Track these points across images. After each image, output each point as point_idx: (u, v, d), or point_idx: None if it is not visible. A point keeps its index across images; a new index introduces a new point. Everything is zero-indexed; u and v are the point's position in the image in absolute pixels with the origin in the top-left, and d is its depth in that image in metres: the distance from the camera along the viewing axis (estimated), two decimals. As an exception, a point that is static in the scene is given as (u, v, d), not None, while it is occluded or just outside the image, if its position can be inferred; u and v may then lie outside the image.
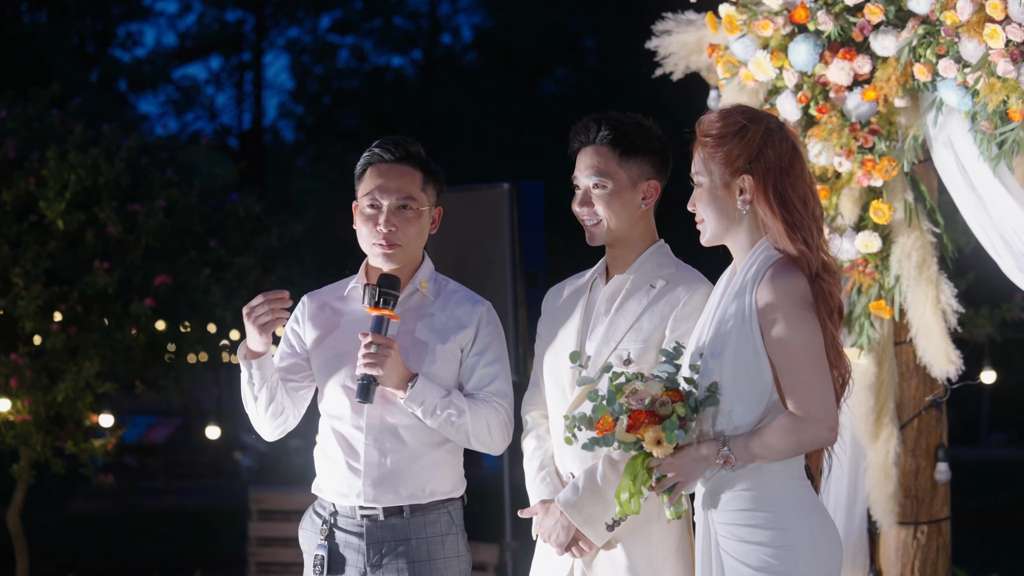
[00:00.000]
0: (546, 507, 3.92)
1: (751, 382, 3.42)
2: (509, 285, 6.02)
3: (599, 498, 3.78)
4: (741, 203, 3.50)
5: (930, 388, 5.02)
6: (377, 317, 3.85)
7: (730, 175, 3.50)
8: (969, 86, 4.37)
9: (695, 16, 5.35)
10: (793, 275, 3.42)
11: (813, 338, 3.39)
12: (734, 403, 3.43)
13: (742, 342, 3.42)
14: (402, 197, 3.95)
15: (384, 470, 3.92)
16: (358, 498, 3.93)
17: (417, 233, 3.99)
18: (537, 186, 6.12)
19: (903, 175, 4.84)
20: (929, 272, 4.84)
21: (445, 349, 3.97)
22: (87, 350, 7.53)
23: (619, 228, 3.92)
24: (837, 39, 4.74)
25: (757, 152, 3.48)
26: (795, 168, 3.49)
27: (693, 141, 3.58)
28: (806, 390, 3.38)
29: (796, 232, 3.44)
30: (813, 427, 3.37)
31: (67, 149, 7.69)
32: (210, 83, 25.17)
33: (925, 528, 5.00)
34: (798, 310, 3.39)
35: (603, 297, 3.96)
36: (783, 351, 3.38)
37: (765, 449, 3.38)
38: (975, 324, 8.95)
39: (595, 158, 3.92)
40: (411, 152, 4.01)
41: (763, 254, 3.49)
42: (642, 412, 3.37)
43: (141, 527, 14.97)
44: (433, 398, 3.87)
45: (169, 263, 7.98)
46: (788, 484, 3.46)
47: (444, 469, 3.99)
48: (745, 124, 3.50)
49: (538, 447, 4.04)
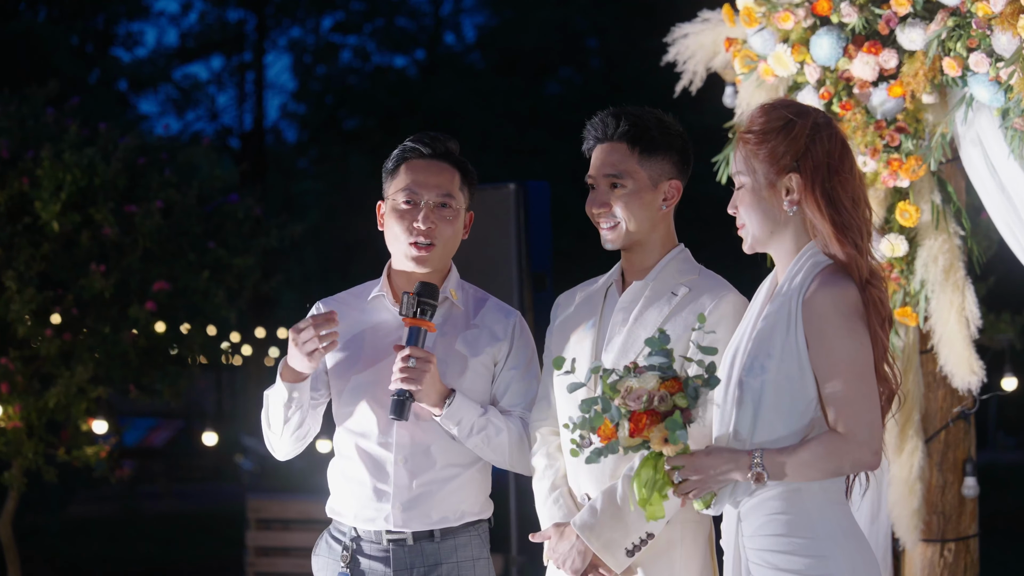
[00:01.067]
0: (560, 531, 3.67)
1: (794, 397, 3.23)
2: (515, 289, 5.90)
3: (619, 521, 3.55)
4: (788, 204, 3.31)
5: (958, 399, 4.89)
6: (414, 328, 3.65)
7: (775, 174, 3.31)
8: (1002, 81, 4.23)
9: (711, 14, 5.26)
10: (843, 283, 3.23)
11: (862, 352, 3.21)
12: (775, 419, 3.23)
13: (786, 355, 3.23)
14: (442, 194, 3.76)
15: (415, 492, 3.74)
16: (386, 522, 3.74)
17: (453, 235, 3.80)
18: (544, 186, 6.00)
19: (930, 175, 4.73)
20: (955, 277, 4.73)
21: (478, 362, 3.79)
22: (81, 355, 7.45)
23: (638, 231, 3.70)
24: (862, 32, 4.63)
25: (804, 149, 3.29)
26: (845, 166, 3.30)
27: (728, 141, 3.38)
28: (851, 409, 3.19)
29: (846, 235, 3.25)
30: (856, 449, 3.18)
31: (62, 149, 7.73)
32: (211, 83, 25.14)
33: (952, 546, 4.88)
34: (848, 321, 3.20)
35: (620, 306, 3.74)
36: (829, 366, 3.20)
37: (801, 467, 3.19)
38: (996, 330, 8.91)
39: (613, 155, 3.70)
40: (450, 149, 3.83)
41: (810, 260, 3.30)
42: (642, 414, 3.17)
43: (140, 531, 14.95)
44: (471, 416, 3.69)
45: (167, 266, 7.93)
46: (828, 509, 3.25)
47: (475, 490, 3.83)
48: (791, 119, 3.31)
49: (549, 466, 3.79)
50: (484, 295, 3.93)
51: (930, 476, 4.86)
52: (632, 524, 3.51)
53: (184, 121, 24.35)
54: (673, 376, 3.21)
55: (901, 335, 4.80)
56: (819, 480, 3.21)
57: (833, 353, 3.18)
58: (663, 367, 3.23)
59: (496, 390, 3.83)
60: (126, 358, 7.65)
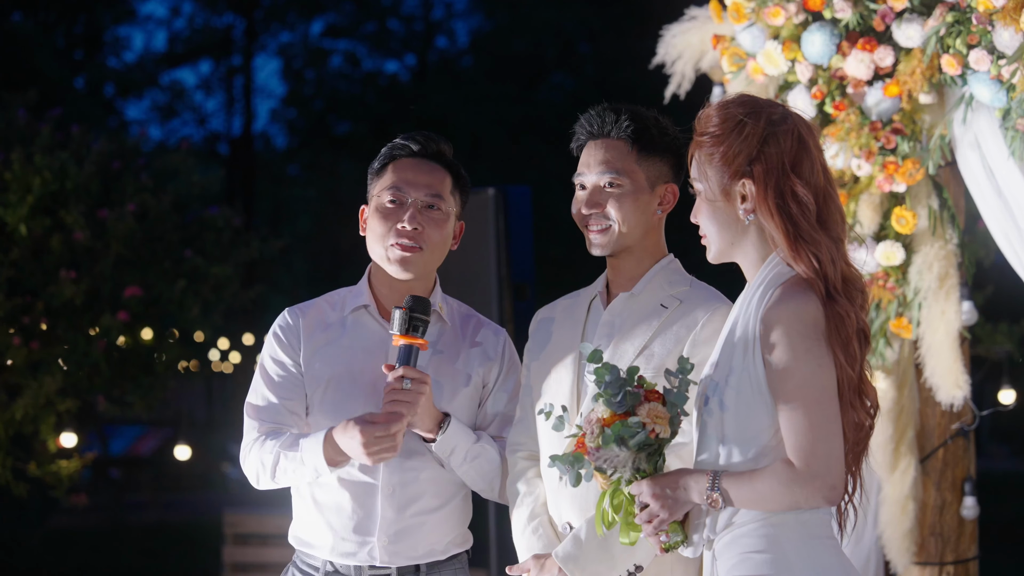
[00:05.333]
0: (540, 562, 3.44)
1: (753, 421, 3.01)
2: (495, 300, 5.82)
3: (605, 552, 3.32)
4: (743, 212, 3.09)
5: (956, 414, 4.78)
6: (406, 346, 3.38)
7: (729, 179, 3.08)
8: (1004, 80, 4.17)
9: (699, 11, 5.21)
10: (802, 297, 3.00)
11: (819, 375, 2.97)
12: (736, 443, 3.02)
13: (744, 376, 3.01)
14: (431, 194, 3.53)
15: (401, 525, 3.50)
16: (369, 557, 3.50)
17: (441, 240, 3.55)
18: (524, 191, 5.90)
19: (927, 179, 4.66)
20: (949, 286, 4.64)
21: (467, 384, 3.58)
22: (50, 364, 7.32)
23: (630, 235, 3.50)
24: (856, 28, 4.57)
25: (758, 150, 3.06)
26: (801, 167, 3.06)
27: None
28: (805, 438, 2.94)
29: (800, 246, 3.02)
30: (810, 483, 2.94)
31: (33, 151, 7.58)
32: (200, 88, 25.15)
33: (951, 569, 4.75)
34: (804, 340, 2.97)
35: (605, 320, 3.52)
36: (783, 390, 2.97)
37: (757, 497, 2.98)
38: (993, 341, 8.93)
39: (610, 152, 3.50)
40: (442, 150, 3.61)
41: (773, 271, 3.08)
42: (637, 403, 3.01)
43: (124, 543, 14.99)
44: (466, 443, 3.48)
45: (141, 273, 7.81)
46: (807, 548, 3.02)
47: (460, 520, 3.63)
48: (743, 118, 3.08)
49: (527, 493, 3.56)
50: (468, 310, 3.72)
51: (927, 496, 4.76)
52: (619, 555, 3.30)
53: (170, 127, 24.40)
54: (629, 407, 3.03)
55: (895, 347, 4.71)
56: (778, 512, 3.00)
57: (787, 375, 2.96)
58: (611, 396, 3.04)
59: (483, 413, 3.62)
60: (97, 369, 7.50)
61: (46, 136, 7.73)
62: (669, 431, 3.02)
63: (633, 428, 2.98)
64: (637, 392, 3.03)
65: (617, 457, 3.01)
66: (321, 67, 24.73)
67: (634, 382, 3.05)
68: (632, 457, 3.01)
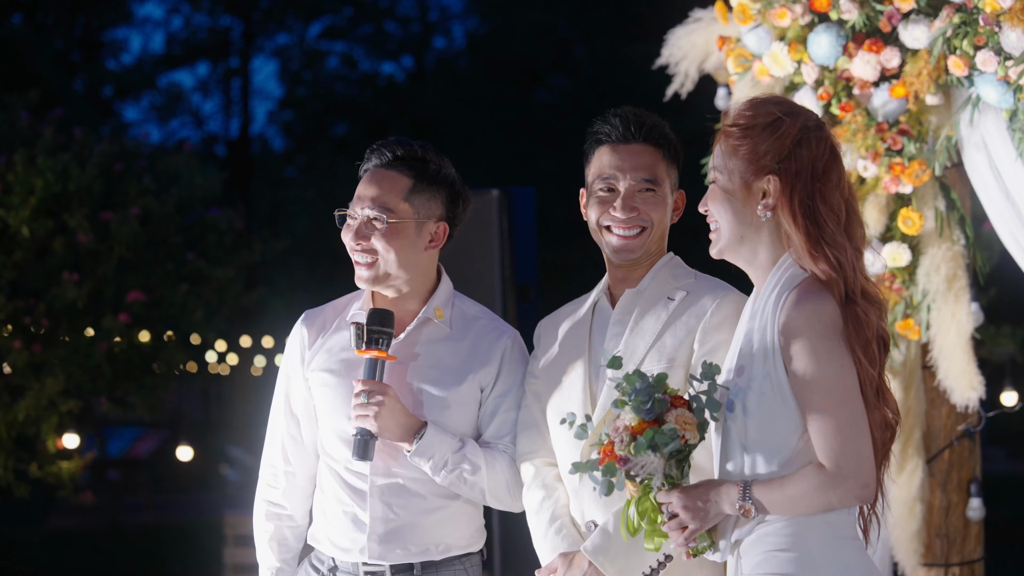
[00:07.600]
0: (568, 559, 3.44)
1: (778, 427, 3.01)
2: (499, 301, 5.77)
3: (634, 544, 3.31)
4: (762, 208, 3.10)
5: (962, 416, 4.78)
6: (370, 360, 3.43)
7: (753, 174, 3.10)
8: (1011, 81, 4.18)
9: (703, 13, 5.21)
10: (819, 298, 3.01)
11: (843, 375, 2.98)
12: (762, 451, 3.02)
13: (766, 382, 3.02)
14: (375, 206, 3.49)
15: (392, 524, 3.53)
16: (361, 554, 3.54)
17: (398, 250, 3.49)
18: (529, 193, 5.92)
19: (934, 181, 4.66)
20: (957, 288, 4.64)
21: (462, 390, 3.56)
22: (52, 366, 7.34)
23: (661, 240, 3.57)
24: (862, 29, 4.58)
25: (789, 151, 3.08)
26: (831, 176, 3.09)
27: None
28: (835, 439, 2.96)
29: (820, 249, 3.03)
30: (843, 483, 2.96)
31: (35, 153, 7.61)
32: (197, 90, 25.15)
33: (957, 570, 4.77)
34: (825, 341, 2.98)
35: (615, 319, 3.54)
36: (808, 393, 2.98)
37: (789, 503, 2.99)
38: (996, 343, 8.91)
39: (645, 157, 3.52)
40: (401, 155, 3.54)
41: (787, 273, 3.09)
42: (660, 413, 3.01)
43: (122, 544, 14.98)
44: (444, 452, 3.47)
45: (144, 275, 7.82)
46: (832, 548, 3.03)
47: (462, 522, 3.62)
48: (779, 116, 3.10)
49: (547, 497, 3.56)
50: (478, 311, 3.69)
51: (933, 497, 4.76)
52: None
53: (169, 129, 24.39)
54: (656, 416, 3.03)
55: (902, 349, 4.70)
56: (811, 514, 3.01)
57: (810, 378, 2.97)
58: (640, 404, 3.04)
59: (481, 419, 3.61)
60: (99, 370, 7.52)
61: (48, 138, 7.76)
62: (698, 437, 3.02)
63: (668, 435, 2.99)
64: (665, 399, 3.03)
65: (651, 464, 3.01)
66: (318, 69, 24.73)
67: (663, 389, 3.05)
68: (663, 464, 3.02)
